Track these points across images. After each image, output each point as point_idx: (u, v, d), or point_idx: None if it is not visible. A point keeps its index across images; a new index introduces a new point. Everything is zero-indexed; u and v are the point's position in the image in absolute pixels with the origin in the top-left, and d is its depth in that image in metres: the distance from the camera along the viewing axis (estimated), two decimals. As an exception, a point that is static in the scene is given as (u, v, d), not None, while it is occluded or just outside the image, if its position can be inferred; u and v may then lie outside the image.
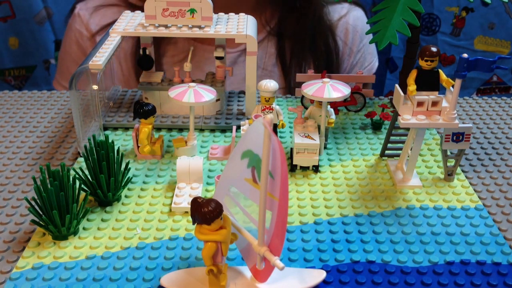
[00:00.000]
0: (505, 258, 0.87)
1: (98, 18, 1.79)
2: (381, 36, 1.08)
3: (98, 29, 1.78)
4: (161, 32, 1.19)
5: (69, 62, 1.87)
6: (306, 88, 1.08)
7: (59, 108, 1.36)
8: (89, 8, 1.82)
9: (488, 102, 1.43)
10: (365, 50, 1.86)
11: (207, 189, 1.03)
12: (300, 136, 1.08)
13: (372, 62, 1.89)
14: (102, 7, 1.81)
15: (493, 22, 2.49)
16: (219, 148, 1.15)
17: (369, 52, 1.87)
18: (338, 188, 1.04)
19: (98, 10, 1.81)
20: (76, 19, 1.82)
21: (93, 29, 1.78)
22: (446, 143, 1.04)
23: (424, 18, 2.48)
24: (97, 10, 1.81)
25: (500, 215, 0.98)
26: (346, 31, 1.82)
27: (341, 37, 1.82)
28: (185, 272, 0.81)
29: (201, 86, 1.10)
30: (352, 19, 1.83)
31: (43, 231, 0.90)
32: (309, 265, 0.85)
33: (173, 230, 0.92)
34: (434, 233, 0.92)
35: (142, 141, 1.10)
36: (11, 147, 1.18)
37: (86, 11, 1.81)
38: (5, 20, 2.44)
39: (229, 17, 1.29)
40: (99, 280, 0.81)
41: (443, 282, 0.82)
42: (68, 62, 1.87)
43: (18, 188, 1.03)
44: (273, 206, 0.71)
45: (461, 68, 0.91)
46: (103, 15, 1.79)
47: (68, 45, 1.87)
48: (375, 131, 1.26)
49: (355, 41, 1.84)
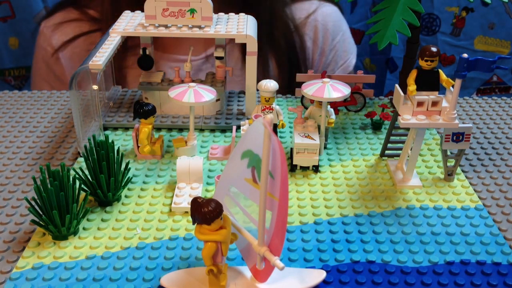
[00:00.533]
0: (505, 258, 0.87)
1: (60, 33, 1.80)
2: (381, 36, 1.08)
3: (60, 44, 1.79)
4: (161, 32, 1.19)
5: (38, 79, 1.89)
6: (306, 88, 1.08)
7: (59, 108, 1.36)
8: (52, 25, 1.83)
9: (488, 102, 1.43)
10: (339, 47, 1.79)
11: (207, 189, 1.03)
12: (300, 136, 1.08)
13: (348, 60, 1.82)
14: (63, 23, 1.82)
15: (493, 22, 2.49)
16: (219, 148, 1.15)
17: (344, 50, 1.79)
18: (338, 188, 1.04)
19: (59, 26, 1.82)
20: (40, 37, 1.84)
21: (55, 45, 1.79)
22: (446, 143, 1.04)
23: (424, 18, 2.48)
24: (59, 26, 1.82)
25: (500, 215, 0.98)
26: (316, 29, 1.75)
27: (310, 35, 1.75)
28: (185, 272, 0.81)
29: (201, 86, 1.10)
30: (321, 16, 1.76)
31: (43, 231, 0.90)
32: (309, 265, 0.85)
33: (173, 230, 0.92)
34: (434, 233, 0.92)
35: (142, 141, 1.10)
36: (11, 147, 1.18)
37: (49, 28, 1.83)
38: (5, 20, 2.44)
39: (229, 17, 1.29)
40: (99, 280, 0.81)
41: (443, 282, 0.82)
42: (38, 80, 1.90)
43: (18, 188, 1.03)
44: (273, 206, 0.71)
45: (461, 68, 0.91)
46: (64, 30, 1.81)
47: (36, 63, 1.88)
48: (375, 131, 1.26)
49: (326, 39, 1.77)
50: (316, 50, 1.76)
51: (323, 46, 1.76)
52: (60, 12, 1.86)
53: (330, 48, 1.77)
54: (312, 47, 1.76)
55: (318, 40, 1.76)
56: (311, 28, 1.75)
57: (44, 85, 1.87)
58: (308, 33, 1.74)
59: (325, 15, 1.76)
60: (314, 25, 1.75)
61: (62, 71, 1.83)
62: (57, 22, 1.83)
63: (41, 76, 1.87)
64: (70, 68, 1.82)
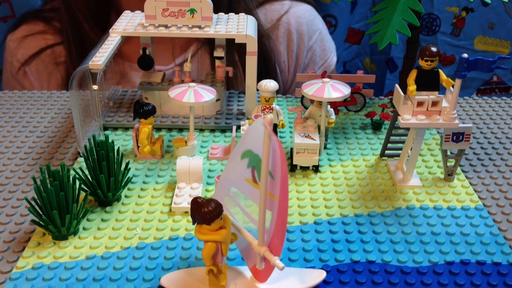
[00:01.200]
0: (505, 258, 0.87)
1: (25, 48, 1.76)
2: (381, 36, 1.08)
3: (27, 58, 1.75)
4: (161, 32, 1.19)
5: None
6: (306, 88, 1.08)
7: (59, 108, 1.36)
8: (17, 39, 1.79)
9: (488, 102, 1.43)
10: (316, 47, 1.72)
11: (207, 189, 1.03)
12: (300, 136, 1.08)
13: (328, 59, 1.75)
14: (28, 37, 1.78)
15: (493, 22, 2.49)
16: (219, 148, 1.15)
17: (323, 49, 1.74)
18: (338, 188, 1.04)
19: (24, 39, 1.77)
20: (7, 51, 1.80)
21: (21, 59, 1.75)
22: (446, 143, 1.04)
23: (424, 18, 2.48)
24: (24, 39, 1.77)
25: (500, 215, 0.98)
26: (288, 31, 1.68)
27: (283, 38, 1.68)
28: (185, 272, 0.81)
29: (201, 86, 1.10)
30: (294, 16, 1.69)
31: (43, 231, 0.90)
32: (309, 265, 0.85)
33: (173, 230, 0.92)
34: (434, 233, 0.92)
35: (142, 141, 1.10)
36: (11, 147, 1.18)
37: (14, 41, 1.78)
38: (5, 20, 2.43)
39: (229, 17, 1.29)
40: (99, 280, 0.81)
41: (443, 282, 0.82)
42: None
43: (18, 188, 1.03)
44: (273, 206, 0.71)
45: (461, 68, 0.91)
46: (29, 44, 1.76)
47: (5, 78, 1.84)
48: (375, 131, 1.26)
49: (301, 39, 1.70)
50: (291, 53, 1.69)
51: (298, 48, 1.69)
52: (25, 24, 1.81)
53: (306, 49, 1.71)
54: (287, 49, 1.69)
55: (292, 42, 1.69)
56: (284, 30, 1.68)
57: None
58: (281, 35, 1.67)
59: (298, 15, 1.69)
60: (287, 28, 1.68)
61: (30, 84, 1.79)
62: (23, 35, 1.78)
63: (12, 89, 1.81)
64: (38, 81, 1.77)
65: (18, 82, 1.78)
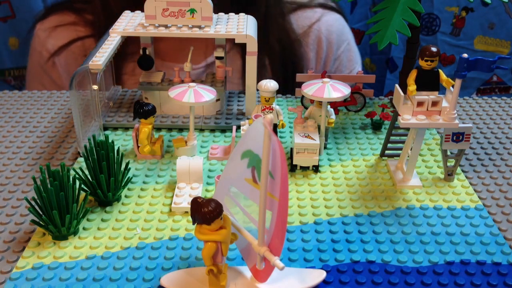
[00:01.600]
0: (505, 258, 0.87)
1: (55, 38, 1.75)
2: (381, 36, 1.08)
3: (56, 49, 1.74)
4: (161, 32, 1.19)
5: (34, 83, 1.84)
6: (306, 88, 1.08)
7: (59, 108, 1.36)
8: (47, 28, 1.77)
9: (488, 102, 1.43)
10: (343, 57, 1.74)
11: (207, 189, 1.03)
12: (300, 136, 1.08)
13: (353, 69, 1.77)
14: (59, 27, 1.76)
15: (493, 22, 2.49)
16: (219, 148, 1.15)
17: (349, 59, 1.75)
18: (338, 188, 1.04)
19: (55, 29, 1.76)
20: (35, 40, 1.79)
21: (51, 50, 1.74)
22: (446, 143, 1.04)
23: (424, 18, 2.48)
24: (54, 29, 1.76)
25: (500, 215, 0.98)
26: (319, 39, 1.70)
27: (313, 45, 1.69)
28: (185, 272, 0.81)
29: (201, 86, 1.10)
30: (325, 25, 1.71)
31: (43, 231, 0.90)
32: (309, 265, 0.85)
33: (173, 230, 0.92)
34: (434, 233, 0.92)
35: (142, 141, 1.10)
36: (11, 147, 1.18)
37: (44, 31, 1.77)
38: (5, 20, 2.43)
39: (229, 17, 1.29)
40: (99, 280, 0.81)
41: (443, 282, 0.82)
42: (33, 84, 1.84)
43: (18, 188, 1.03)
44: (273, 206, 0.71)
45: (461, 68, 0.91)
46: (60, 34, 1.75)
47: (31, 67, 1.83)
48: (375, 131, 1.26)
49: (330, 48, 1.72)
50: (320, 61, 1.71)
51: (327, 56, 1.71)
52: (55, 14, 1.81)
53: (334, 58, 1.72)
54: (316, 57, 1.71)
55: (321, 50, 1.70)
56: (314, 38, 1.69)
57: (39, 88, 1.83)
58: (311, 42, 1.69)
59: (329, 24, 1.71)
60: (318, 35, 1.69)
61: (58, 76, 1.79)
62: (53, 25, 1.77)
63: (37, 79, 1.82)
64: (66, 73, 1.77)
65: (46, 73, 1.77)
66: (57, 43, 1.74)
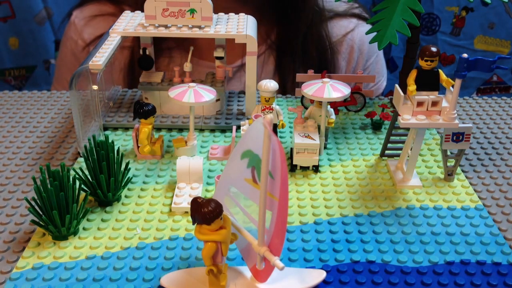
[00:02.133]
0: (505, 258, 0.87)
1: (93, 27, 1.72)
2: (381, 36, 1.08)
3: (93, 38, 1.71)
4: (161, 32, 1.19)
5: (64, 70, 1.81)
6: (306, 88, 1.08)
7: (59, 108, 1.36)
8: (85, 17, 1.74)
9: (488, 102, 1.43)
10: (371, 69, 1.76)
11: (207, 189, 1.03)
12: (300, 136, 1.08)
13: (379, 82, 1.79)
14: (97, 17, 1.73)
15: (493, 21, 2.49)
16: (219, 148, 1.15)
17: (376, 71, 1.77)
18: (338, 188, 1.04)
19: (93, 19, 1.73)
20: (71, 27, 1.75)
21: (87, 39, 1.72)
22: (446, 143, 1.04)
23: (424, 18, 2.48)
24: (92, 19, 1.73)
25: (500, 215, 0.98)
26: (351, 48, 1.72)
27: (345, 54, 1.71)
28: (185, 272, 0.81)
29: (201, 86, 1.10)
30: (359, 36, 1.73)
31: (43, 231, 0.90)
32: (309, 265, 0.85)
33: (173, 230, 0.92)
34: (434, 233, 0.92)
35: (142, 141, 1.10)
36: (11, 147, 1.18)
37: (82, 19, 1.74)
38: (5, 20, 2.44)
39: (229, 17, 1.29)
40: (99, 280, 0.81)
41: (443, 282, 0.82)
42: (64, 71, 1.81)
43: (18, 188, 1.03)
44: (273, 206, 0.71)
45: (461, 68, 0.91)
46: (98, 25, 1.71)
47: (63, 54, 1.81)
48: (375, 131, 1.26)
49: (360, 59, 1.74)
50: (349, 70, 1.73)
51: (356, 66, 1.73)
52: (93, 3, 1.75)
53: (362, 68, 1.74)
54: (346, 66, 1.73)
55: (352, 60, 1.72)
56: (347, 47, 1.72)
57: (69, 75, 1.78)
58: (343, 51, 1.71)
59: (362, 35, 1.72)
60: (350, 45, 1.72)
61: None
62: (90, 15, 1.73)
63: (67, 67, 1.78)
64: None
65: (79, 62, 1.70)
66: (95, 33, 1.71)
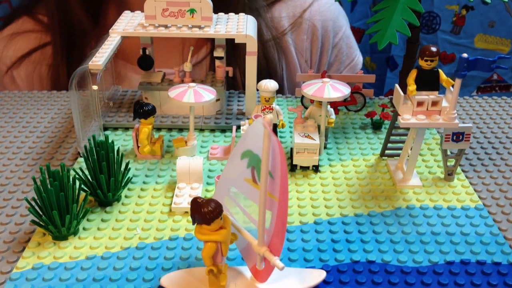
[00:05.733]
0: (505, 258, 0.87)
1: (13, 48, 1.56)
2: (381, 35, 1.08)
3: (14, 61, 1.55)
4: (161, 32, 1.19)
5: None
6: (306, 88, 1.08)
7: (59, 108, 1.36)
8: (3, 39, 1.58)
9: (488, 101, 1.43)
10: (342, 44, 1.58)
11: (207, 189, 1.03)
12: (300, 136, 1.08)
13: (355, 57, 1.62)
14: (17, 35, 1.57)
15: (493, 20, 2.48)
16: (219, 148, 1.15)
17: (349, 46, 1.59)
18: (338, 188, 1.04)
19: (13, 39, 1.57)
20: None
21: (8, 63, 1.56)
22: (446, 143, 1.04)
23: (424, 17, 2.48)
24: (12, 39, 1.57)
25: (500, 215, 0.98)
26: (313, 27, 1.54)
27: (307, 34, 1.54)
28: (185, 272, 0.81)
29: (201, 86, 1.10)
30: (319, 10, 1.54)
31: (43, 231, 0.90)
32: (309, 265, 0.85)
33: (173, 230, 0.92)
34: (434, 233, 0.92)
35: (142, 141, 1.10)
36: (11, 147, 1.18)
37: (0, 42, 1.58)
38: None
39: (229, 17, 1.29)
40: (99, 281, 0.81)
41: (443, 282, 0.82)
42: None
43: (18, 189, 1.03)
44: (273, 206, 0.71)
45: (461, 68, 0.91)
46: (18, 44, 1.56)
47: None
48: (375, 131, 1.26)
49: (326, 35, 1.56)
50: (315, 51, 1.56)
51: (323, 46, 1.57)
52: (13, 23, 1.60)
53: (331, 46, 1.57)
54: (310, 47, 1.56)
55: (317, 39, 1.55)
56: (307, 26, 1.54)
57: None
58: (304, 32, 1.54)
59: (322, 10, 1.54)
60: (311, 23, 1.53)
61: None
62: (10, 34, 1.57)
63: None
64: (29, 89, 1.55)
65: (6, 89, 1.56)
66: (17, 53, 1.56)
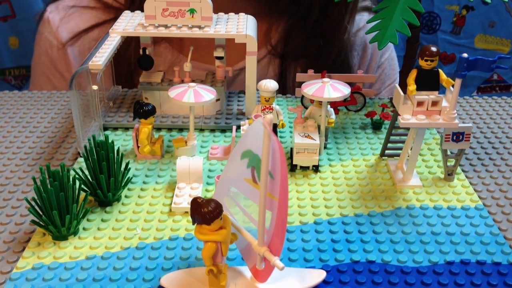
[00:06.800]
0: (505, 258, 0.87)
1: (71, 23, 1.53)
2: (381, 35, 1.08)
3: (71, 36, 1.52)
4: (161, 32, 1.19)
5: (39, 74, 1.63)
6: (306, 88, 1.08)
7: (59, 108, 1.36)
8: (61, 11, 1.54)
9: (488, 101, 1.43)
10: (386, 65, 1.64)
11: (207, 189, 1.03)
12: (300, 136, 1.08)
13: (395, 79, 1.67)
14: (75, 10, 1.54)
15: (494, 20, 2.49)
16: (219, 148, 1.15)
17: (392, 68, 1.65)
18: (338, 188, 1.04)
19: (71, 13, 1.54)
20: (45, 25, 1.55)
21: (63, 38, 1.53)
22: (446, 143, 1.04)
23: (425, 17, 2.48)
24: (70, 13, 1.54)
25: (500, 215, 0.98)
26: (365, 45, 1.60)
27: (358, 51, 1.59)
28: (185, 272, 0.81)
29: (201, 86, 1.10)
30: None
31: (43, 231, 0.90)
32: (309, 265, 0.85)
33: (173, 230, 0.92)
34: (434, 233, 0.92)
35: (142, 141, 1.10)
36: (11, 147, 1.18)
37: (57, 15, 1.54)
38: (5, 19, 2.44)
39: (229, 17, 1.29)
40: (99, 281, 0.81)
41: (443, 282, 0.82)
42: (38, 75, 1.63)
43: (18, 189, 1.03)
44: (273, 206, 0.71)
45: (461, 68, 0.91)
46: (76, 19, 1.53)
47: (37, 56, 1.60)
48: (375, 131, 1.26)
49: (374, 55, 1.62)
50: (362, 67, 1.61)
51: (371, 63, 1.62)
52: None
53: (376, 65, 1.62)
54: (359, 63, 1.61)
55: (366, 57, 1.60)
56: (360, 43, 1.59)
57: (45, 84, 1.61)
58: (356, 48, 1.59)
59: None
60: (364, 41, 1.59)
61: (69, 69, 1.55)
62: (68, 6, 1.53)
63: (43, 73, 1.59)
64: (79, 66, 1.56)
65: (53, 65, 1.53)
66: (74, 29, 1.52)
